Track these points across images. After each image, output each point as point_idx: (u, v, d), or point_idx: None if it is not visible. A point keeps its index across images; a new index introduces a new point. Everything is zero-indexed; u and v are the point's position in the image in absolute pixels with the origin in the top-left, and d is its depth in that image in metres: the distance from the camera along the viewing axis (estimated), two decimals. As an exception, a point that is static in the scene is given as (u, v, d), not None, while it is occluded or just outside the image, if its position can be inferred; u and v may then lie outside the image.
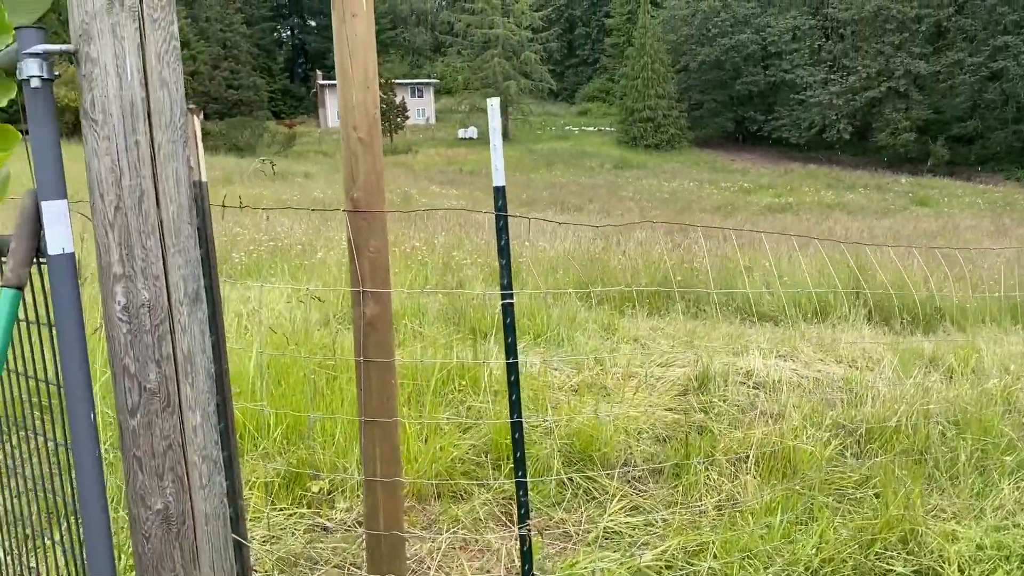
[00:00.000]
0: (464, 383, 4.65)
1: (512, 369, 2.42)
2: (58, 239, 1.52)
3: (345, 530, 3.37)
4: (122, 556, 2.73)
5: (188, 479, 1.59)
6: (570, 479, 3.91)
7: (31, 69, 1.46)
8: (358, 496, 3.60)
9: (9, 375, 1.80)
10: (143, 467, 1.55)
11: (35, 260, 1.57)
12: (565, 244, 12.93)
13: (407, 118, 62.99)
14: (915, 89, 61.26)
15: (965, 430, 4.71)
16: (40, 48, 1.46)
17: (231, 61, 70.59)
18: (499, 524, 3.58)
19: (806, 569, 3.05)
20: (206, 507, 1.61)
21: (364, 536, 2.53)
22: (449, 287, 8.41)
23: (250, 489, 3.46)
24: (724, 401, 5.00)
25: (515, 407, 2.44)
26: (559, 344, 6.63)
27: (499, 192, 2.38)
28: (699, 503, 3.78)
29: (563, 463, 3.97)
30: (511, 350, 2.40)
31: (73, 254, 1.54)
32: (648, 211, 36.70)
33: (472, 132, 67.07)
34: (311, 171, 43.62)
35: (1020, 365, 7.16)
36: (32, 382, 1.75)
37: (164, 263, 1.53)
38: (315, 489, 3.55)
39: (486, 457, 3.99)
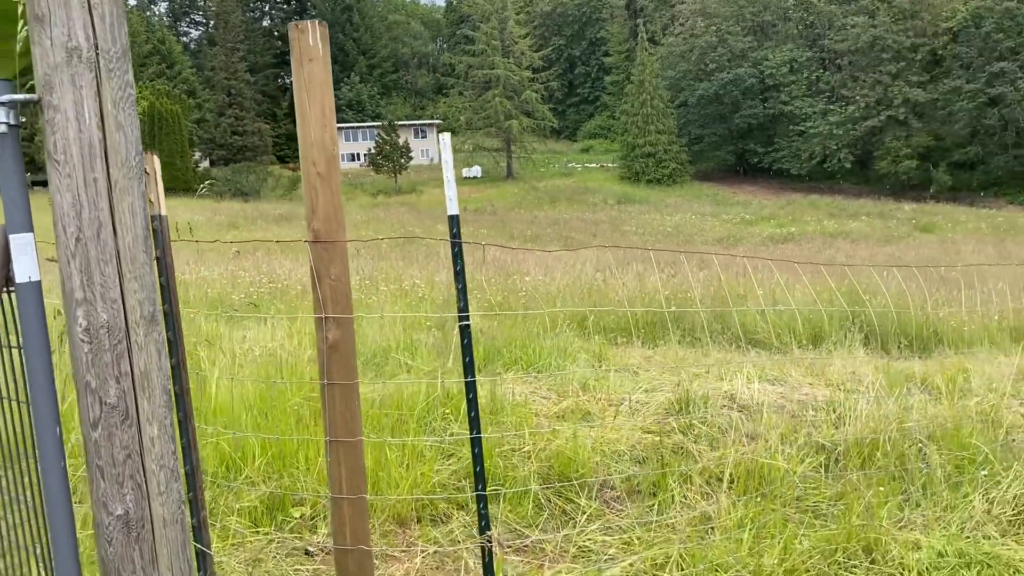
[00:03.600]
0: (448, 411, 4.77)
1: (470, 387, 2.55)
2: (25, 268, 1.67)
3: (326, 553, 3.47)
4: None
5: (147, 486, 1.72)
6: (548, 500, 4.01)
7: (-1, 116, 1.63)
8: (340, 521, 3.71)
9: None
10: (105, 475, 1.69)
11: (5, 289, 1.72)
12: (566, 278, 13.08)
13: (411, 159, 63.69)
14: (914, 117, 61.68)
15: (943, 446, 4.79)
16: (6, 98, 1.63)
17: (236, 108, 71.71)
18: (476, 545, 3.67)
19: (770, 578, 3.14)
20: (164, 512, 1.75)
21: (333, 553, 2.64)
22: (446, 322, 8.55)
23: (234, 516, 3.58)
24: (704, 423, 5.10)
25: (474, 423, 2.56)
26: (549, 373, 6.75)
27: (453, 220, 2.53)
28: (672, 519, 3.87)
29: (541, 485, 4.07)
30: (468, 369, 2.53)
31: (39, 282, 1.69)
32: (651, 244, 36.90)
33: (476, 171, 67.73)
34: (316, 214, 44.03)
35: (1008, 383, 7.24)
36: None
37: (121, 288, 1.68)
38: (297, 515, 3.66)
39: (466, 482, 4.09)
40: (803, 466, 4.30)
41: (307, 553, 3.49)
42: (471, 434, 2.55)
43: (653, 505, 4.03)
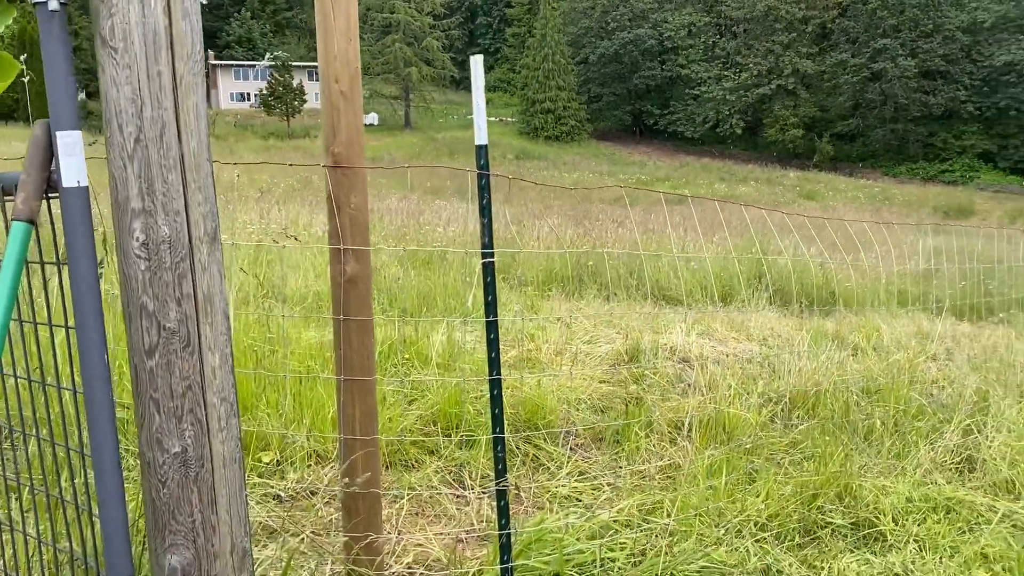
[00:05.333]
0: (407, 356, 4.63)
1: (491, 327, 2.45)
2: (73, 171, 1.46)
3: (299, 499, 3.32)
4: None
5: (207, 421, 1.55)
6: (518, 447, 3.97)
7: (49, -10, 1.40)
8: (309, 466, 3.56)
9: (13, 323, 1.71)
10: (161, 409, 1.51)
11: (46, 195, 1.50)
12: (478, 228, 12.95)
13: (305, 102, 61.57)
14: (802, 87, 63.96)
15: (878, 399, 5.00)
16: (59, -31, 1.40)
17: (117, 37, 67.25)
18: (451, 490, 3.59)
19: (755, 524, 3.20)
20: (224, 450, 1.58)
21: (341, 496, 2.51)
22: (377, 268, 8.30)
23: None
24: (655, 374, 5.15)
25: (494, 364, 2.46)
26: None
27: (481, 151, 2.40)
28: (643, 467, 3.90)
29: (511, 432, 4.02)
30: (491, 307, 2.42)
31: (87, 187, 1.48)
32: (550, 201, 37.16)
33: (372, 118, 66.14)
34: (205, 154, 42.06)
35: (916, 342, 7.65)
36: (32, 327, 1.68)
37: (185, 199, 1.49)
38: (266, 459, 3.48)
39: (435, 426, 3.99)
40: (761, 416, 4.40)
41: (279, 499, 3.33)
42: (491, 375, 2.45)
43: (620, 453, 4.04)
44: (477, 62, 2.34)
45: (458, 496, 3.57)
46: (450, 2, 78.07)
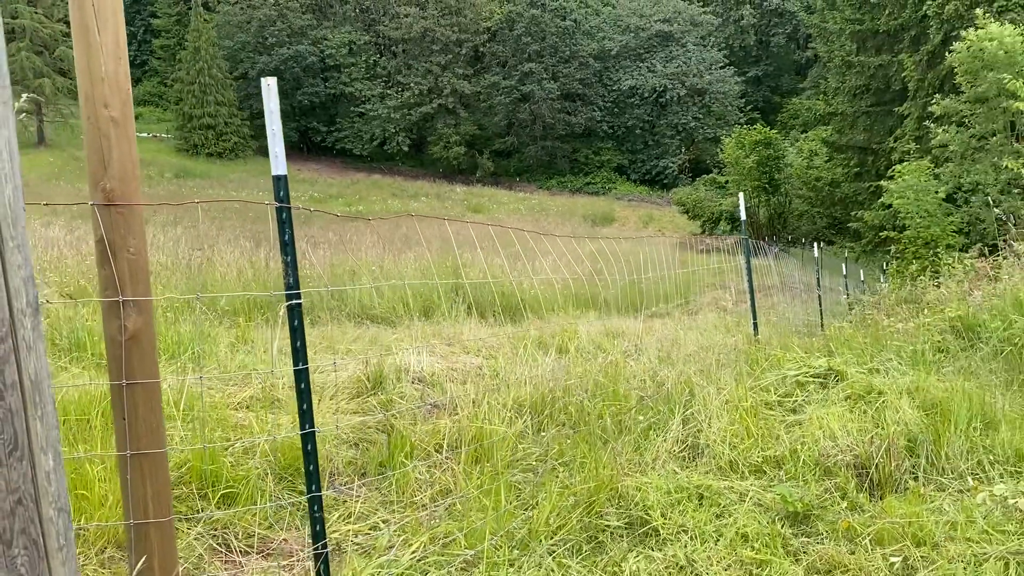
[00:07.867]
0: (136, 410, 4.07)
1: (301, 376, 2.24)
2: None
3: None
4: None
5: (44, 541, 1.22)
6: (279, 496, 3.68)
7: None
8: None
9: None
10: (-19, 536, 1.16)
11: None
12: (159, 255, 11.88)
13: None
14: (462, 107, 67.31)
15: (603, 399, 5.38)
16: None
17: None
18: (218, 556, 3.23)
19: (546, 538, 3.27)
20: (66, 573, 1.26)
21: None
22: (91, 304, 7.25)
23: None
24: (403, 398, 5.08)
25: (306, 417, 2.26)
26: (201, 361, 6.12)
27: (279, 182, 2.18)
28: (417, 498, 3.81)
29: (274, 481, 3.71)
30: (300, 355, 2.22)
31: None
32: (223, 221, 35.16)
33: (-3, 135, 57.75)
34: None
35: (609, 341, 8.38)
36: None
37: (2, 262, 1.16)
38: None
39: (187, 487, 3.56)
40: (514, 430, 4.52)
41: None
42: (302, 429, 2.24)
43: (390, 486, 3.92)
44: (270, 86, 2.13)
45: (227, 561, 3.21)
46: (85, 8, 70.67)
